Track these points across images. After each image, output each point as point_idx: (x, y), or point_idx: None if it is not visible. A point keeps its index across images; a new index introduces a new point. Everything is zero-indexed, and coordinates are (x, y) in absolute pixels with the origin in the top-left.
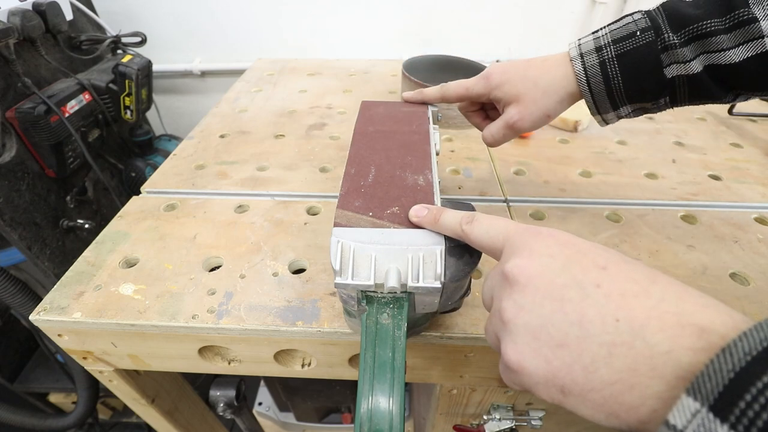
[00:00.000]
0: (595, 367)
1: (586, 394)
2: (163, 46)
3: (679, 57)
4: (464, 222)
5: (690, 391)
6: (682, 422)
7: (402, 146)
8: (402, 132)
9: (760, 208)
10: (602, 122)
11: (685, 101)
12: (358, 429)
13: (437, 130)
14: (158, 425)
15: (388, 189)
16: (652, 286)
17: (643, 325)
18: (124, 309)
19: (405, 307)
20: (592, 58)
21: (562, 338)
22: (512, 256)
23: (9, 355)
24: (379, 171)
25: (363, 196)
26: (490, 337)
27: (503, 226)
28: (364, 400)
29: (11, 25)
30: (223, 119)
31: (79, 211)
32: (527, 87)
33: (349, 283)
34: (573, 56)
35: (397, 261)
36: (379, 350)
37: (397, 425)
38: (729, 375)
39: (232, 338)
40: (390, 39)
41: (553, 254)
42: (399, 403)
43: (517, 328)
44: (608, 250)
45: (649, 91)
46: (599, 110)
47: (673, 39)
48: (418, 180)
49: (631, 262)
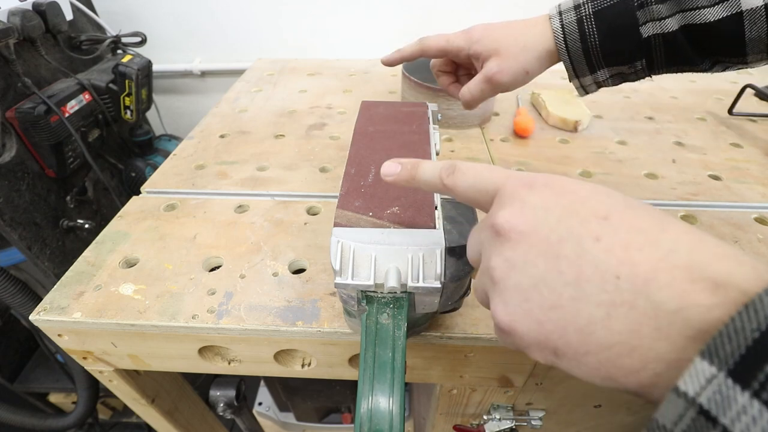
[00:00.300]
0: (591, 330)
1: (581, 357)
2: (163, 46)
3: (655, 14)
4: (444, 173)
5: (705, 353)
6: (695, 389)
7: (402, 146)
8: (402, 132)
9: (760, 208)
10: (581, 89)
11: (662, 66)
12: (358, 429)
13: (437, 130)
14: (158, 425)
15: (388, 189)
16: (661, 236)
17: (648, 281)
18: (124, 309)
19: (405, 307)
20: (569, 16)
21: (555, 299)
22: (502, 208)
23: (9, 355)
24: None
25: (363, 196)
26: (479, 294)
27: (492, 175)
28: (364, 400)
29: (11, 25)
30: (223, 119)
31: (79, 211)
32: (507, 41)
33: (349, 283)
34: (552, 14)
35: (397, 261)
36: (379, 350)
37: (397, 425)
38: (753, 335)
39: (232, 338)
40: (390, 39)
41: (548, 206)
42: (399, 403)
43: (508, 288)
44: (612, 195)
45: (626, 50)
46: (576, 73)
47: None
48: None
49: (640, 207)
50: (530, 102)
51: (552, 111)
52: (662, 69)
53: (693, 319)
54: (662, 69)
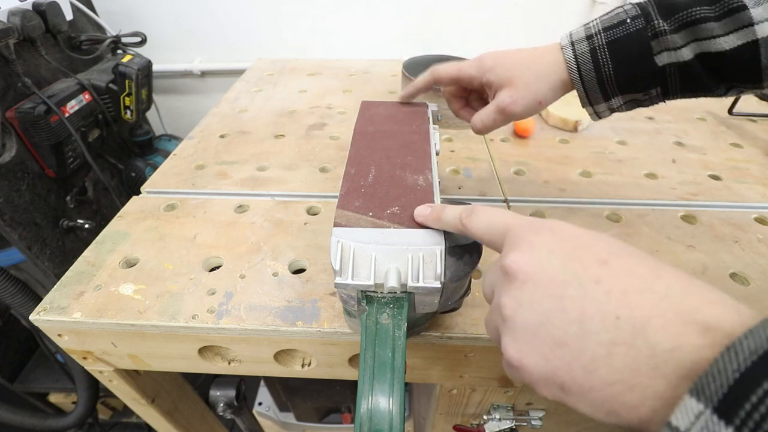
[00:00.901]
0: (594, 366)
1: (586, 393)
2: (163, 46)
3: (670, 44)
4: (464, 216)
5: (693, 391)
6: (685, 424)
7: (402, 146)
8: (402, 132)
9: (760, 208)
10: (594, 115)
11: (677, 93)
12: (358, 429)
13: (437, 130)
14: (158, 425)
15: (388, 189)
16: (656, 281)
17: (645, 323)
18: (124, 309)
19: (405, 307)
20: (582, 46)
21: (561, 336)
22: (512, 251)
23: (9, 355)
24: (379, 171)
25: (363, 196)
26: (491, 331)
27: (503, 219)
28: (364, 400)
29: (11, 25)
30: (223, 119)
31: (79, 211)
32: (520, 71)
33: (349, 283)
34: (564, 44)
35: (397, 261)
36: (379, 350)
37: (397, 425)
38: (734, 375)
39: (232, 338)
40: (390, 39)
41: (552, 250)
42: (399, 403)
43: (516, 325)
44: (612, 241)
45: (640, 79)
46: (591, 101)
47: (663, 26)
48: (418, 180)
49: (636, 254)
50: None
51: (552, 111)
52: (677, 95)
53: (685, 359)
54: (677, 95)
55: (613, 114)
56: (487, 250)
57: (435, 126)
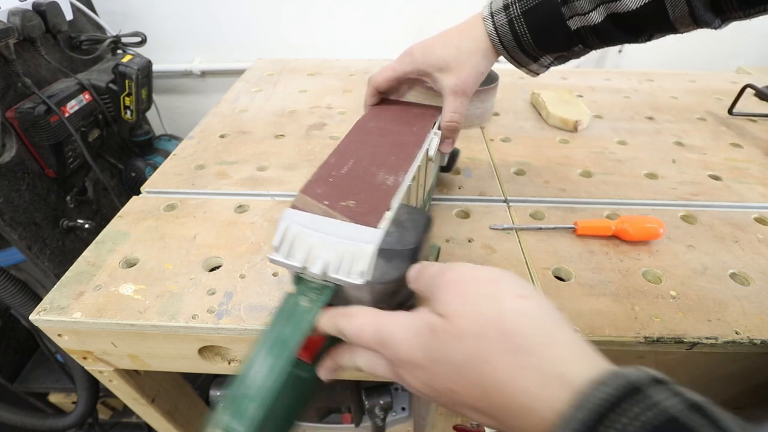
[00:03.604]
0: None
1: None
2: (163, 46)
3: (578, 9)
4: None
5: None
6: None
7: (393, 145)
8: (400, 132)
9: (760, 208)
10: (531, 74)
11: (599, 46)
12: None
13: (438, 135)
14: (158, 425)
15: (354, 183)
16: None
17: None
18: (124, 309)
19: (326, 296)
20: (501, 18)
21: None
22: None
23: (9, 355)
24: (357, 165)
25: (328, 185)
26: None
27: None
28: (247, 365)
29: (11, 25)
30: (223, 119)
31: (79, 211)
32: (451, 53)
33: (281, 261)
34: (485, 15)
35: (330, 251)
36: (282, 327)
37: (266, 400)
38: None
39: (232, 338)
40: (390, 39)
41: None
42: (276, 377)
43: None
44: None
45: (559, 42)
46: (521, 63)
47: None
48: (388, 180)
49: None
50: (530, 102)
51: (552, 111)
52: (600, 46)
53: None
54: (600, 46)
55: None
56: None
57: (438, 131)
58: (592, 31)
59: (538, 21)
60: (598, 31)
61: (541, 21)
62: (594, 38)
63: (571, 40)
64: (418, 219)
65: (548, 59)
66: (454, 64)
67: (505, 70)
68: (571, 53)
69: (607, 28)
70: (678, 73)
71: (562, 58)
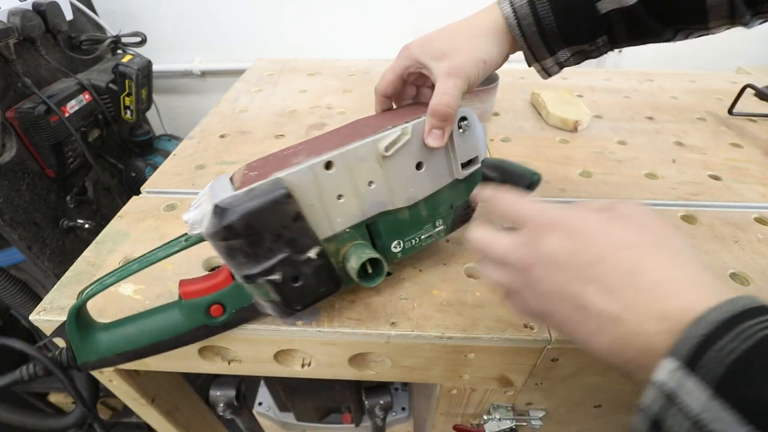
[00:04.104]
0: (588, 338)
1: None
2: (163, 46)
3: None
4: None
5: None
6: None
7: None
8: (376, 126)
9: (760, 208)
10: (543, 72)
11: (624, 40)
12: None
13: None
14: (158, 425)
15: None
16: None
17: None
18: (124, 309)
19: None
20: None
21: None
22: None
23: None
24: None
25: (263, 161)
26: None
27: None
28: None
29: (11, 25)
30: (223, 119)
31: (79, 211)
32: (450, 41)
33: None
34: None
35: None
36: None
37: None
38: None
39: (232, 338)
40: (390, 39)
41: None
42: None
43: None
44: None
45: (584, 28)
46: (536, 56)
47: None
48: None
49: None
50: (530, 102)
51: (552, 111)
52: (624, 43)
53: (646, 340)
54: (624, 43)
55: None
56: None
57: (406, 126)
58: (623, 17)
59: (563, 2)
60: (630, 16)
61: (568, 2)
62: (622, 26)
63: (598, 28)
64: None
65: (566, 54)
66: (451, 51)
67: (505, 70)
68: (593, 47)
69: (639, 14)
70: (678, 73)
71: (581, 55)
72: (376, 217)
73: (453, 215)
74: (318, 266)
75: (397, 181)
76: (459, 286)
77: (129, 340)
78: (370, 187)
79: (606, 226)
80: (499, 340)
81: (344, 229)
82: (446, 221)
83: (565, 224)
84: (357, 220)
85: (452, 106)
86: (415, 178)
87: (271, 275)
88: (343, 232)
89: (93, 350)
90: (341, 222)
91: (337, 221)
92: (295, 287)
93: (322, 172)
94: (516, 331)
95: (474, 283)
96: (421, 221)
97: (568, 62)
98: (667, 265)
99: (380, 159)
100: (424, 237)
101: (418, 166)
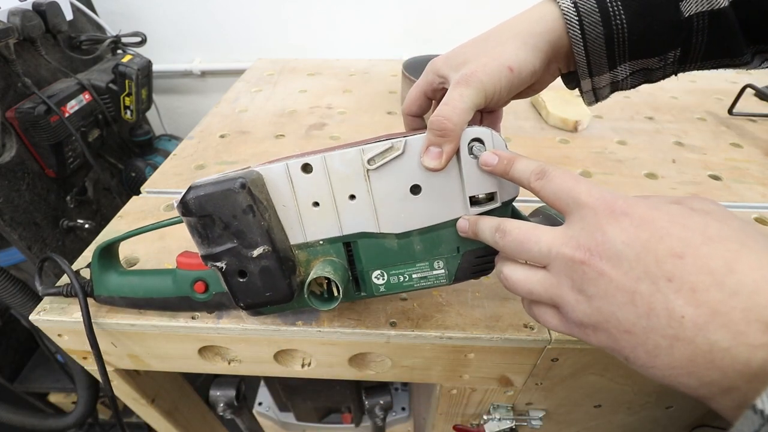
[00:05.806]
0: (656, 353)
1: (648, 369)
2: (163, 46)
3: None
4: (534, 178)
5: None
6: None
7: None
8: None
9: (760, 208)
10: (591, 94)
11: (697, 59)
12: None
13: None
14: (158, 425)
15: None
16: (727, 277)
17: (708, 322)
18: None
19: None
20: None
21: (629, 326)
22: (583, 236)
23: (9, 355)
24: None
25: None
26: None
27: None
28: None
29: (11, 25)
30: (223, 119)
31: (79, 211)
32: (477, 47)
33: None
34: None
35: None
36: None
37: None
38: None
39: (232, 338)
40: (390, 39)
41: (628, 241)
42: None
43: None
44: (689, 227)
45: (659, 36)
46: (591, 70)
47: None
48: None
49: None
50: (530, 102)
51: (552, 111)
52: (697, 62)
53: (741, 356)
54: (697, 62)
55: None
56: None
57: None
58: (709, 24)
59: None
60: (717, 24)
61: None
62: (702, 38)
63: (676, 37)
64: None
65: (625, 71)
66: (472, 58)
67: None
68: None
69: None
70: None
71: (641, 75)
72: (356, 237)
73: (458, 261)
74: (264, 267)
75: (383, 202)
76: (459, 286)
77: (131, 288)
78: (350, 202)
79: (684, 218)
80: (499, 340)
81: (318, 240)
82: (449, 266)
83: (633, 212)
84: (332, 234)
85: (452, 119)
86: (408, 204)
87: (218, 262)
88: (316, 243)
89: (106, 287)
90: (314, 232)
91: (310, 230)
92: (240, 282)
93: (299, 174)
94: (516, 331)
95: (474, 283)
96: (412, 256)
97: (624, 83)
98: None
99: (365, 172)
100: (417, 277)
101: (415, 190)
